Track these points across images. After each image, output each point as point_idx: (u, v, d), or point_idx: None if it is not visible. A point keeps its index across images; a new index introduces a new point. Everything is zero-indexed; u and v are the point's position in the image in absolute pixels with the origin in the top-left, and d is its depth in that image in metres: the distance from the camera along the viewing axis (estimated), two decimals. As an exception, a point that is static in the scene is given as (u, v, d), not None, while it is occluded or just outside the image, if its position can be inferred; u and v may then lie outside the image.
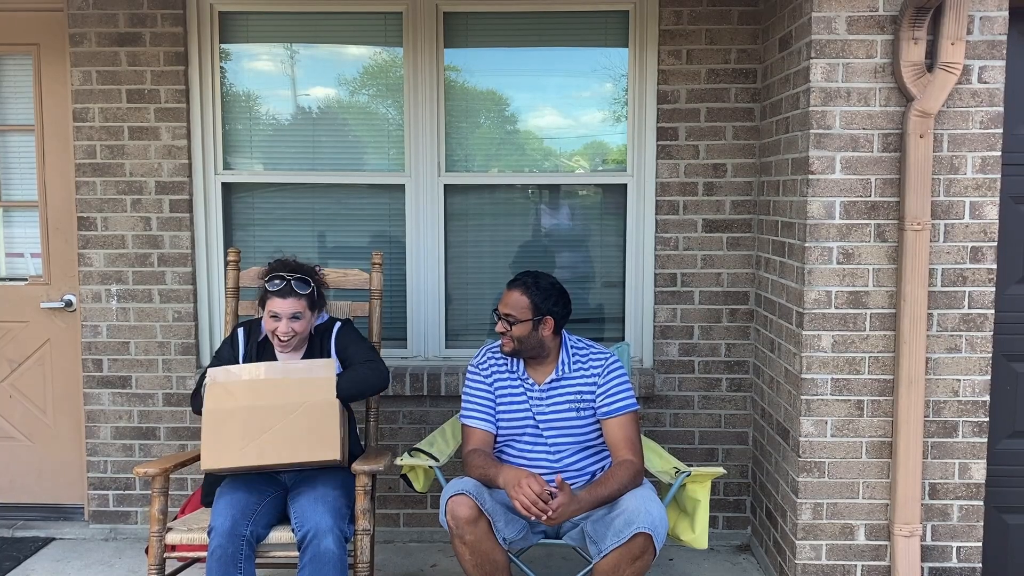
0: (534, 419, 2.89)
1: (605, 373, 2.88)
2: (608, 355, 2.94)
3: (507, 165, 3.82)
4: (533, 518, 2.55)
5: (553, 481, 2.68)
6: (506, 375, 2.95)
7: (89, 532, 3.83)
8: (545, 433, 2.88)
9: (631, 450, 2.79)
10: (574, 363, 2.92)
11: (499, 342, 2.95)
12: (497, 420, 2.93)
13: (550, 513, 2.52)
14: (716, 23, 3.56)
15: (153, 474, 2.77)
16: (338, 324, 3.09)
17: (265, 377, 2.80)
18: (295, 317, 2.90)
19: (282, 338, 2.90)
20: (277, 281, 2.91)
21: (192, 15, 3.64)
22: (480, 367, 2.99)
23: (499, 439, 2.95)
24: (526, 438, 2.90)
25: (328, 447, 2.74)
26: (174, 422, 3.75)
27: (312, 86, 3.80)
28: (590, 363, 2.91)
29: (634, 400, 2.88)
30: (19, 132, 3.82)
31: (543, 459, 2.87)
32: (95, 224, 3.69)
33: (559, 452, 2.87)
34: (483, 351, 3.04)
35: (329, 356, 3.00)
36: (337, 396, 2.81)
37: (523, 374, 2.93)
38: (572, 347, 2.95)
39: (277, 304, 2.89)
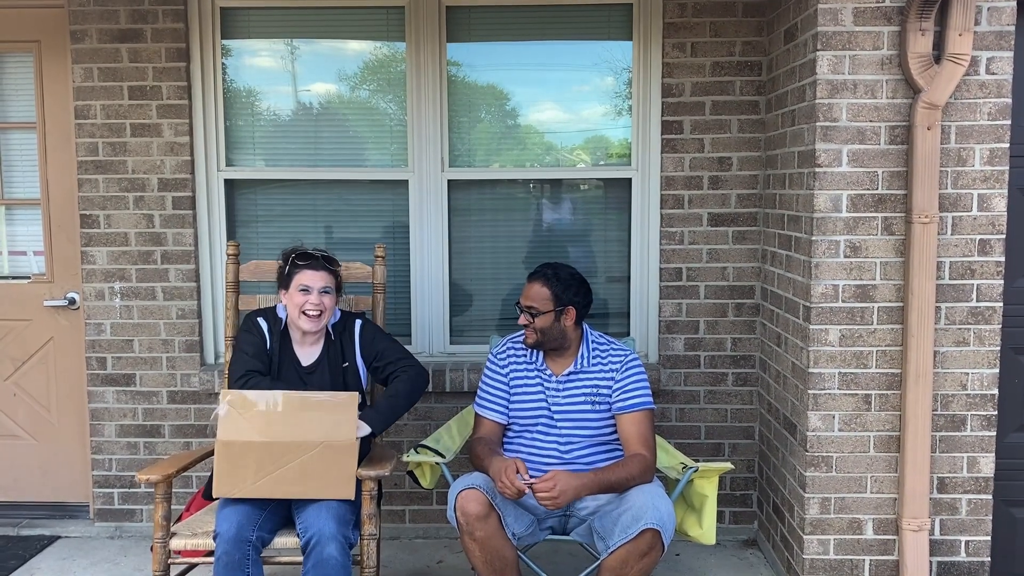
0: (549, 410, 2.89)
1: (623, 368, 2.88)
2: (628, 352, 2.94)
3: (511, 160, 3.80)
4: (525, 493, 2.56)
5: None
6: (523, 365, 2.96)
7: (94, 530, 3.82)
8: (559, 425, 2.87)
9: (644, 446, 2.79)
10: (593, 357, 2.92)
11: (521, 334, 2.96)
12: (510, 410, 2.94)
13: (548, 489, 2.53)
14: (720, 15, 3.54)
15: (156, 481, 2.71)
16: (359, 322, 3.04)
17: (284, 410, 2.71)
18: (325, 291, 2.90)
19: (311, 312, 2.88)
20: (306, 255, 2.93)
21: (193, 11, 3.62)
22: (498, 356, 3.02)
23: (512, 429, 2.95)
24: (539, 428, 2.90)
25: (343, 488, 2.69)
26: (179, 420, 3.75)
27: (314, 82, 3.78)
28: (609, 358, 2.91)
29: (651, 399, 2.87)
30: (21, 130, 3.81)
31: (554, 451, 2.86)
32: (98, 222, 3.67)
33: (571, 445, 2.86)
34: (504, 341, 3.06)
35: (352, 356, 2.98)
36: (380, 430, 2.85)
37: (541, 365, 2.94)
38: (593, 341, 2.96)
39: (308, 276, 2.89)
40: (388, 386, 2.99)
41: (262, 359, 2.93)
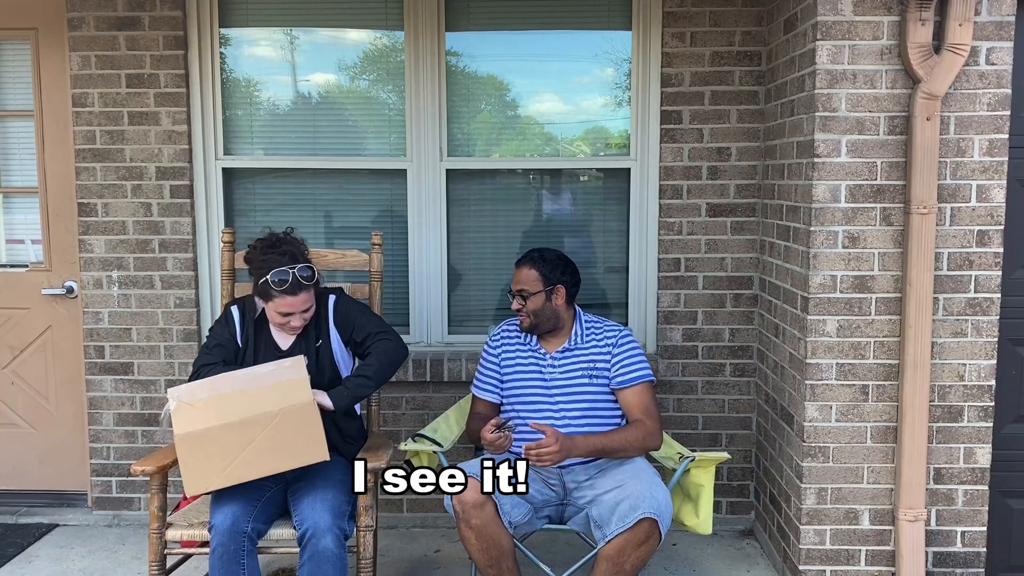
0: (546, 388, 2.92)
1: (619, 343, 2.93)
2: (621, 328, 3.01)
3: (510, 150, 3.79)
4: (527, 456, 2.62)
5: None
6: (516, 347, 3.02)
7: (92, 518, 3.83)
8: (557, 401, 2.90)
9: (645, 414, 2.84)
10: (587, 334, 2.97)
11: (516, 319, 3.01)
12: (504, 391, 3.01)
13: (543, 451, 2.59)
14: (720, 5, 3.52)
15: (151, 472, 2.68)
16: (332, 297, 2.94)
17: (232, 390, 2.61)
18: (306, 310, 2.82)
19: (294, 333, 2.85)
20: (283, 278, 2.73)
21: (191, -1, 3.61)
22: (492, 339, 3.10)
23: (505, 412, 3.01)
24: (535, 407, 2.93)
25: (315, 450, 2.62)
26: (176, 409, 3.74)
27: (313, 71, 3.77)
28: (604, 335, 2.97)
29: (650, 372, 2.92)
30: (18, 118, 3.80)
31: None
32: (95, 210, 3.67)
33: (567, 420, 2.89)
34: (500, 325, 3.13)
35: (326, 334, 2.90)
36: (343, 406, 2.79)
37: (535, 345, 3.00)
38: (586, 321, 3.02)
39: (289, 303, 2.76)
40: (362, 361, 2.93)
41: (226, 350, 2.86)
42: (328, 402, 2.76)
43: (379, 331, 2.91)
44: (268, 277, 2.75)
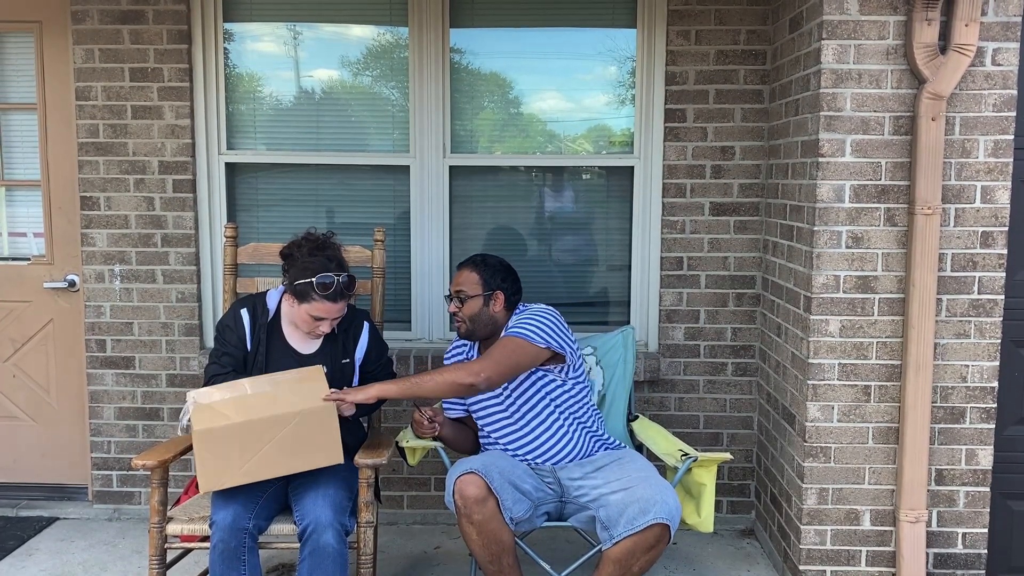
0: (495, 396, 2.93)
1: (518, 316, 2.88)
2: (533, 305, 2.94)
3: (513, 147, 3.79)
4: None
5: (540, 459, 2.89)
6: (464, 360, 3.02)
7: (93, 512, 3.83)
8: (508, 406, 2.92)
9: (486, 355, 2.75)
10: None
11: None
12: (471, 410, 3.03)
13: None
14: (726, 3, 3.51)
15: (152, 466, 2.67)
16: (367, 325, 2.97)
17: (253, 391, 2.63)
18: (337, 319, 2.82)
19: (318, 338, 2.85)
20: (328, 282, 2.73)
21: (195, -7, 3.60)
22: (446, 358, 3.12)
23: (480, 430, 3.04)
24: (492, 419, 2.96)
25: (330, 453, 2.64)
26: (177, 403, 3.74)
27: (316, 66, 3.76)
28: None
29: (525, 331, 2.77)
30: (21, 111, 3.79)
31: (509, 428, 2.93)
32: (98, 204, 3.67)
33: (517, 413, 2.91)
34: (452, 343, 3.14)
35: (352, 356, 2.92)
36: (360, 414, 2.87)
37: (474, 356, 3.00)
38: (516, 315, 2.94)
39: (327, 308, 2.75)
40: None
41: (235, 358, 2.84)
42: (352, 403, 2.76)
43: (389, 372, 3.03)
44: (313, 279, 2.74)
